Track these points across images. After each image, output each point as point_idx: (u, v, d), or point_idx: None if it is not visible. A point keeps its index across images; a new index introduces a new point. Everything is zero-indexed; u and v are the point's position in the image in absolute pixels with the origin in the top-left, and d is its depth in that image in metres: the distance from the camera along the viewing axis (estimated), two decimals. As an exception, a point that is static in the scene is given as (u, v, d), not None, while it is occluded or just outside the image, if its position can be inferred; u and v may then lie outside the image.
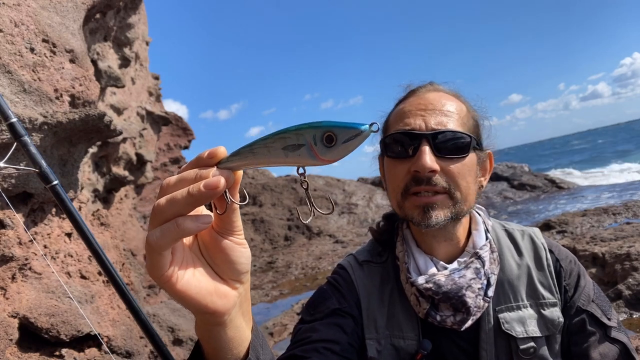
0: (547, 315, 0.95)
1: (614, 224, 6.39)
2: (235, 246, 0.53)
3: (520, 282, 0.98)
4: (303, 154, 0.44)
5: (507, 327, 0.94)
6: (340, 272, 1.09)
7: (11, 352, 1.54)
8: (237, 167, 0.48)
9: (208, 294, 0.51)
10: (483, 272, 0.95)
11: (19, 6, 1.52)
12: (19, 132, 0.80)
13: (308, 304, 1.05)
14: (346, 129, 0.42)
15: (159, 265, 0.47)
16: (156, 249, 0.46)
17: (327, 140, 0.43)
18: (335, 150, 0.43)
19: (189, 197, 0.45)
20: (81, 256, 2.00)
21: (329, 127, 0.43)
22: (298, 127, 0.44)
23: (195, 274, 0.51)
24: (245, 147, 0.47)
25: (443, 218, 0.92)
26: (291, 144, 0.44)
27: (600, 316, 0.94)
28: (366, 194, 13.13)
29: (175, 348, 3.49)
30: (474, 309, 0.92)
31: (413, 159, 0.91)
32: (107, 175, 3.62)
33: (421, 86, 1.05)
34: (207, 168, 0.47)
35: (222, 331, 0.55)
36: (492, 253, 0.99)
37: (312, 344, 0.92)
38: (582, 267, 1.03)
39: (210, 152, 0.48)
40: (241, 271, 0.54)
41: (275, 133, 0.45)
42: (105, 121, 1.70)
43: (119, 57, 3.59)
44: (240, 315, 0.58)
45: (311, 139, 0.44)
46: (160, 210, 0.46)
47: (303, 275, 7.62)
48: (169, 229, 0.45)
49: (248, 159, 0.47)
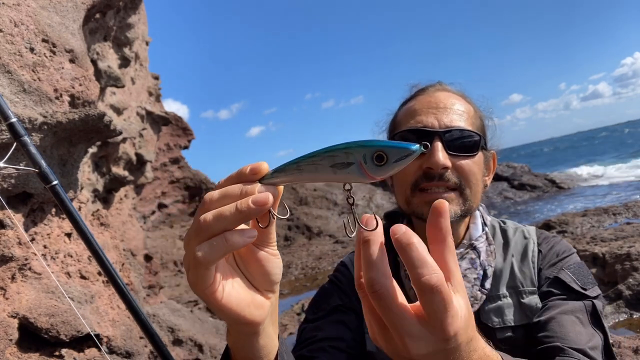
0: (526, 303, 0.94)
1: (614, 224, 6.39)
2: (271, 257, 0.54)
3: (502, 275, 0.99)
4: (353, 172, 0.45)
5: (484, 317, 0.94)
6: (341, 269, 1.11)
7: (11, 352, 1.54)
8: (281, 183, 0.49)
9: (246, 306, 0.52)
10: (479, 263, 0.95)
11: (18, 6, 1.52)
12: (18, 132, 0.80)
13: (311, 303, 1.07)
14: (398, 149, 0.44)
15: (205, 280, 0.48)
16: (204, 263, 0.46)
17: (378, 159, 0.44)
18: (385, 169, 0.44)
19: (237, 213, 0.46)
20: (81, 256, 2.00)
21: (381, 147, 0.44)
22: (347, 145, 0.45)
23: (234, 286, 0.52)
24: (291, 164, 0.48)
25: (453, 214, 0.93)
26: (340, 162, 0.45)
27: (570, 282, 0.91)
28: (366, 194, 13.13)
29: (175, 348, 3.49)
30: (471, 299, 0.92)
31: (425, 156, 0.92)
32: (107, 175, 3.62)
33: (430, 85, 1.06)
34: (250, 183, 0.48)
35: (254, 340, 0.56)
36: (489, 245, 1.00)
37: (318, 343, 0.93)
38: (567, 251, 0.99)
39: (253, 167, 0.49)
40: (275, 281, 0.55)
41: (321, 151, 0.46)
42: (105, 121, 1.70)
43: (118, 57, 3.59)
44: (271, 323, 0.59)
45: (361, 158, 0.44)
46: (207, 225, 0.46)
47: (303, 276, 7.62)
48: (218, 244, 0.46)
49: (294, 175, 0.48)
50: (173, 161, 8.98)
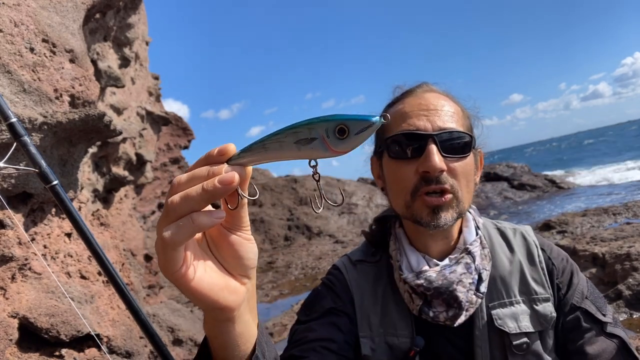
0: (540, 311, 0.95)
1: (614, 224, 6.39)
2: (244, 241, 0.54)
3: (512, 278, 0.99)
4: (316, 147, 0.46)
5: (499, 323, 0.94)
6: (333, 272, 1.10)
7: (11, 352, 1.54)
8: (248, 163, 0.49)
9: (219, 290, 0.52)
10: (474, 267, 0.95)
11: (18, 6, 1.52)
12: (18, 132, 0.80)
13: (303, 305, 1.06)
14: (358, 121, 0.44)
15: (173, 262, 0.48)
16: (171, 244, 0.46)
17: (340, 133, 0.45)
18: (348, 142, 0.45)
19: (204, 193, 0.46)
20: (81, 256, 2.00)
21: (341, 120, 0.44)
22: (309, 121, 0.45)
23: (206, 270, 0.52)
24: (257, 142, 0.48)
25: (451, 219, 0.93)
26: (303, 137, 0.46)
27: (595, 312, 0.94)
28: (366, 194, 13.13)
29: (175, 348, 3.49)
30: (466, 304, 0.92)
31: (420, 159, 0.92)
32: (107, 175, 3.62)
33: (416, 86, 1.05)
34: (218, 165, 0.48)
35: (231, 327, 0.56)
36: (482, 249, 1.00)
37: (309, 344, 0.93)
38: (575, 265, 1.03)
39: (220, 149, 0.49)
40: (249, 266, 0.55)
41: (286, 128, 0.46)
42: (105, 121, 1.70)
43: (118, 57, 3.59)
44: (248, 311, 0.58)
45: (324, 132, 0.45)
46: (174, 207, 0.47)
47: (303, 276, 7.62)
48: (185, 225, 0.46)
49: (260, 154, 0.48)
50: (173, 161, 8.99)
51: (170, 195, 0.48)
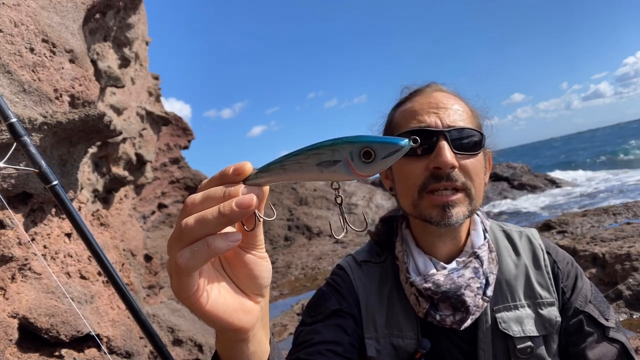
0: (545, 315, 0.95)
1: (614, 224, 6.38)
2: (258, 260, 0.52)
3: (517, 282, 0.98)
4: (339, 169, 0.43)
5: (504, 326, 0.94)
6: (338, 272, 1.09)
7: (11, 352, 1.54)
8: (266, 183, 0.46)
9: (234, 311, 0.50)
10: (482, 272, 0.95)
11: (18, 6, 1.52)
12: (18, 132, 0.80)
13: (308, 306, 1.05)
14: (386, 145, 0.41)
15: (188, 287, 0.46)
16: (186, 270, 0.44)
17: (365, 156, 0.42)
18: (373, 166, 0.42)
19: (220, 217, 0.43)
20: (81, 256, 2.00)
21: (368, 142, 0.41)
22: (333, 142, 0.42)
23: (221, 292, 0.50)
24: (275, 163, 0.45)
25: (462, 216, 0.92)
26: (326, 160, 0.43)
27: (598, 317, 0.94)
28: (366, 194, 13.13)
29: (175, 348, 3.49)
30: (473, 308, 0.92)
31: (430, 156, 0.91)
32: (107, 176, 3.62)
33: (426, 86, 1.05)
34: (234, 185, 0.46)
35: (244, 347, 0.54)
36: (490, 253, 0.99)
37: (314, 346, 0.92)
38: (579, 269, 1.02)
39: (236, 168, 0.46)
40: (263, 285, 0.53)
41: (307, 149, 0.44)
42: (105, 121, 1.70)
43: (118, 57, 3.59)
44: (261, 328, 0.56)
45: (348, 155, 0.42)
46: (188, 230, 0.44)
47: (303, 276, 7.62)
48: (200, 250, 0.44)
49: (278, 175, 0.45)
50: (173, 161, 8.98)
51: (183, 216, 0.46)
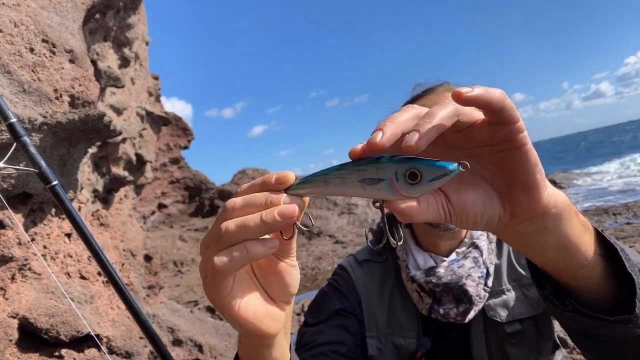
0: (531, 295, 0.94)
1: (614, 224, 6.38)
2: (290, 268, 0.52)
3: (502, 269, 0.99)
4: (383, 188, 0.42)
5: (492, 313, 0.94)
6: (340, 272, 1.10)
7: (11, 352, 1.54)
8: (307, 194, 0.47)
9: (263, 317, 0.50)
10: (482, 261, 0.95)
11: (18, 6, 1.52)
12: (18, 133, 0.80)
13: (311, 307, 1.06)
14: (434, 168, 0.40)
15: (222, 290, 0.47)
16: (222, 273, 0.45)
17: (411, 177, 0.41)
18: (419, 188, 0.41)
19: (262, 225, 0.44)
20: (81, 256, 2.00)
21: (415, 165, 0.41)
22: (378, 160, 0.42)
23: (251, 297, 0.50)
24: (318, 175, 0.46)
25: None
26: (369, 177, 0.42)
27: None
28: (366, 194, 13.13)
29: (174, 348, 3.49)
30: (476, 298, 0.92)
31: None
32: (107, 176, 3.62)
33: (438, 85, 1.04)
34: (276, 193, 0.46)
35: (267, 352, 0.55)
36: (489, 243, 1.00)
37: (319, 348, 0.92)
38: None
39: (279, 177, 0.47)
40: (292, 293, 0.54)
41: (350, 164, 0.44)
42: (105, 121, 1.70)
43: (118, 57, 3.59)
44: (284, 335, 0.57)
45: (393, 175, 0.41)
46: (229, 234, 0.45)
47: (303, 276, 7.62)
48: (239, 254, 0.44)
49: (320, 187, 0.46)
50: (173, 161, 8.99)
51: (223, 219, 0.46)
